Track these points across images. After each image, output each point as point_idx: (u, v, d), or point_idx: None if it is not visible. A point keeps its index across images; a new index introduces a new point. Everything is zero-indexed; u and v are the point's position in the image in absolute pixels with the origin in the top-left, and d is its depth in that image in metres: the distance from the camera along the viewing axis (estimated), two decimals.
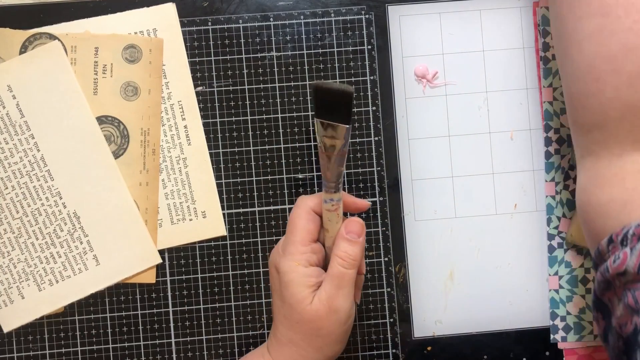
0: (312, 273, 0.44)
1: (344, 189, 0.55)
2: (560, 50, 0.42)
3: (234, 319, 0.54)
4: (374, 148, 0.55)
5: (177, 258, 0.54)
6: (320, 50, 0.55)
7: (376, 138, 0.55)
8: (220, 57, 0.54)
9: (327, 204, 0.42)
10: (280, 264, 0.44)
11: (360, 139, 0.55)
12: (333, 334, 0.44)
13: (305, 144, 0.55)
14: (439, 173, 0.55)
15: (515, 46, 0.56)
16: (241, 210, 0.54)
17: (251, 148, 0.55)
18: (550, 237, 0.55)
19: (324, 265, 0.46)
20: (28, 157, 0.53)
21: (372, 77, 0.55)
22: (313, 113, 0.39)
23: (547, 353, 0.55)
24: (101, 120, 0.53)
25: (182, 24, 0.54)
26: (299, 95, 0.55)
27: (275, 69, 0.55)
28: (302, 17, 0.55)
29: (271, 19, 0.55)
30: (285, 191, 0.55)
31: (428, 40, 0.55)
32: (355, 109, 0.55)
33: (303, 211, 0.45)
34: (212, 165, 0.54)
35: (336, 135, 0.38)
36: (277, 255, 0.45)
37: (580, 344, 0.55)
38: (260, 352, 0.47)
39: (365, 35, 0.55)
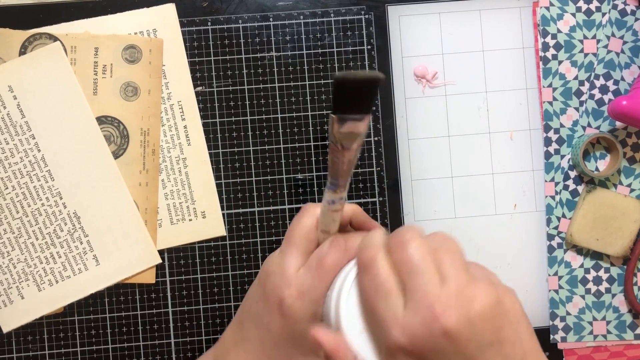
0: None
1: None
2: None
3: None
4: (373, 148, 0.55)
5: (176, 258, 0.54)
6: (320, 50, 0.55)
7: (376, 138, 0.55)
8: (220, 57, 0.55)
9: (335, 205, 0.38)
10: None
11: None
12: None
13: (305, 144, 0.55)
14: (438, 173, 0.55)
15: (515, 46, 0.55)
16: (241, 210, 0.54)
17: (251, 148, 0.55)
18: (550, 237, 0.55)
19: None
20: (28, 157, 0.53)
21: None
22: (329, 111, 0.33)
23: (547, 353, 0.55)
24: (101, 120, 0.53)
25: (182, 24, 0.54)
26: (298, 95, 0.55)
27: (275, 69, 0.55)
28: (301, 17, 0.55)
29: (271, 19, 0.55)
30: (285, 191, 0.55)
31: (428, 41, 0.55)
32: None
33: (312, 222, 0.40)
34: (212, 165, 0.54)
35: (357, 128, 0.34)
36: (272, 260, 0.41)
37: (580, 344, 0.55)
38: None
39: (365, 36, 0.55)
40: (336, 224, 0.39)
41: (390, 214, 0.55)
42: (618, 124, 0.55)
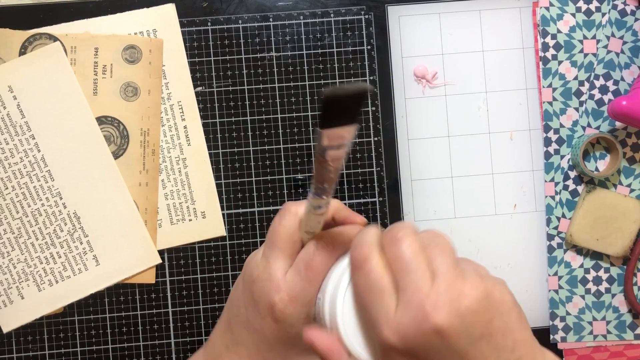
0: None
1: (342, 190, 0.55)
2: None
3: None
4: (373, 148, 0.55)
5: (176, 258, 0.54)
6: (319, 51, 0.55)
7: (376, 138, 0.55)
8: (220, 58, 0.55)
9: (320, 209, 0.37)
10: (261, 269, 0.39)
11: (360, 140, 0.55)
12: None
13: (305, 144, 0.55)
14: (438, 173, 0.55)
15: (514, 46, 0.55)
16: (241, 210, 0.54)
17: (251, 148, 0.55)
18: (550, 237, 0.55)
19: None
20: (28, 158, 0.53)
21: (371, 78, 0.55)
22: (317, 125, 0.34)
23: None
24: (101, 120, 0.53)
25: (182, 25, 0.54)
26: (298, 96, 0.55)
27: (275, 69, 0.55)
28: (301, 17, 0.55)
29: (271, 19, 0.55)
30: (285, 191, 0.55)
31: (427, 41, 0.55)
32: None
33: (295, 222, 0.38)
34: (212, 165, 0.54)
35: (343, 139, 0.35)
36: (256, 264, 0.40)
37: (580, 344, 0.55)
38: None
39: (364, 36, 0.55)
40: (320, 225, 0.38)
41: (390, 214, 0.55)
42: (618, 124, 0.55)
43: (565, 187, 0.55)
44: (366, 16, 0.55)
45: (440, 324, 0.30)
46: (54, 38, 0.53)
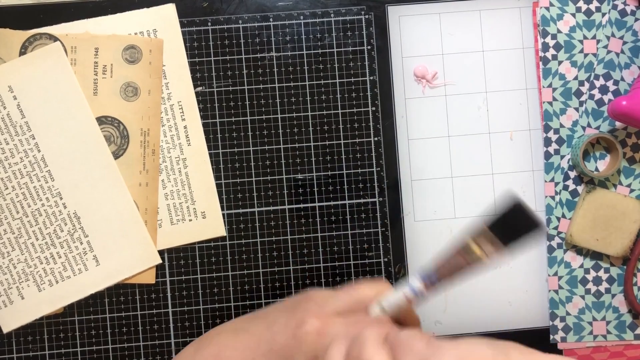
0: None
1: (342, 190, 0.55)
2: None
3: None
4: (373, 148, 0.55)
5: (176, 258, 0.54)
6: (320, 51, 0.55)
7: (376, 138, 0.55)
8: (220, 58, 0.55)
9: (414, 296, 0.36)
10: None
11: (360, 140, 0.55)
12: None
13: (305, 144, 0.55)
14: (438, 173, 0.55)
15: (514, 46, 0.56)
16: (241, 210, 0.55)
17: (251, 148, 0.55)
18: (550, 237, 0.55)
19: None
20: (28, 158, 0.53)
21: (371, 78, 0.55)
22: (488, 223, 0.34)
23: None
24: (101, 120, 0.53)
25: (182, 25, 0.54)
26: (298, 96, 0.55)
27: (275, 69, 0.55)
28: (301, 17, 0.55)
29: (271, 19, 0.55)
30: (285, 191, 0.55)
31: (428, 41, 0.55)
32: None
33: (375, 294, 0.38)
34: (212, 165, 0.54)
35: (490, 252, 0.34)
36: (320, 290, 0.40)
37: (580, 345, 0.55)
38: None
39: (364, 36, 0.55)
40: (396, 310, 0.37)
41: (390, 214, 0.55)
42: (618, 124, 0.55)
43: (565, 187, 0.55)
44: (366, 16, 0.55)
45: None
46: (54, 38, 0.53)
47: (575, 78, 0.55)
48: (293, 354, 0.37)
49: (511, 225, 0.33)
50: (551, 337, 0.55)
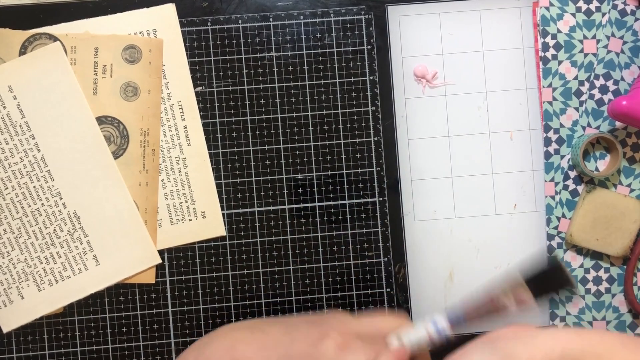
0: None
1: (342, 190, 0.55)
2: None
3: (233, 319, 0.54)
4: (373, 148, 0.55)
5: (176, 258, 0.54)
6: (319, 51, 0.55)
7: (376, 138, 0.55)
8: (220, 58, 0.55)
9: (437, 335, 0.37)
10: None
11: (360, 139, 0.55)
12: None
13: (305, 144, 0.55)
14: (438, 173, 0.55)
15: (514, 46, 0.56)
16: (241, 210, 0.55)
17: (250, 148, 0.55)
18: (550, 237, 0.55)
19: None
20: (28, 158, 0.53)
21: (371, 77, 0.55)
22: (524, 276, 0.35)
23: None
24: (101, 120, 0.53)
25: (182, 25, 0.54)
26: (298, 96, 0.55)
27: (275, 69, 0.55)
28: (301, 17, 0.55)
29: (271, 19, 0.55)
30: (285, 191, 0.55)
31: (427, 41, 0.55)
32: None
33: (398, 327, 0.39)
34: (212, 165, 0.54)
35: (520, 303, 0.35)
36: (344, 313, 0.42)
37: None
38: None
39: (364, 36, 0.55)
40: (415, 346, 0.38)
41: (390, 214, 0.55)
42: (618, 124, 0.55)
43: (565, 187, 0.55)
44: (366, 16, 0.55)
45: None
46: (54, 38, 0.53)
47: (575, 78, 0.55)
48: None
49: (546, 281, 0.35)
50: None
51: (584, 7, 0.55)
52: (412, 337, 0.38)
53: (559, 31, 0.55)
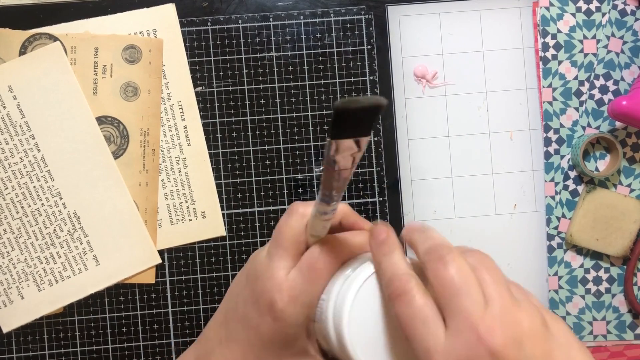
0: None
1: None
2: None
3: None
4: (373, 148, 0.55)
5: (176, 258, 0.54)
6: (319, 51, 0.55)
7: (376, 138, 0.55)
8: (220, 58, 0.55)
9: (327, 215, 0.37)
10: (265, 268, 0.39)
11: None
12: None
13: (305, 144, 0.55)
14: (438, 173, 0.55)
15: (514, 46, 0.55)
16: (241, 210, 0.54)
17: (250, 148, 0.55)
18: (550, 237, 0.55)
19: None
20: (28, 158, 0.53)
21: (371, 77, 0.55)
22: (327, 135, 0.33)
23: None
24: (101, 120, 0.53)
25: (182, 25, 0.54)
26: (298, 96, 0.55)
27: (275, 69, 0.55)
28: (301, 17, 0.55)
29: (271, 19, 0.55)
30: (285, 191, 0.55)
31: (427, 41, 0.55)
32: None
33: (301, 223, 0.38)
34: (212, 165, 0.54)
35: (353, 151, 0.34)
36: (260, 261, 0.40)
37: None
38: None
39: (364, 36, 0.55)
40: (326, 230, 0.38)
41: (390, 214, 0.55)
42: (618, 124, 0.55)
43: (565, 187, 0.55)
44: (366, 16, 0.55)
45: (497, 348, 0.28)
46: (54, 38, 0.53)
47: (575, 78, 0.55)
48: (287, 333, 0.37)
49: (351, 121, 0.31)
50: None
51: (584, 7, 0.55)
52: (311, 224, 0.38)
53: (559, 31, 0.55)
